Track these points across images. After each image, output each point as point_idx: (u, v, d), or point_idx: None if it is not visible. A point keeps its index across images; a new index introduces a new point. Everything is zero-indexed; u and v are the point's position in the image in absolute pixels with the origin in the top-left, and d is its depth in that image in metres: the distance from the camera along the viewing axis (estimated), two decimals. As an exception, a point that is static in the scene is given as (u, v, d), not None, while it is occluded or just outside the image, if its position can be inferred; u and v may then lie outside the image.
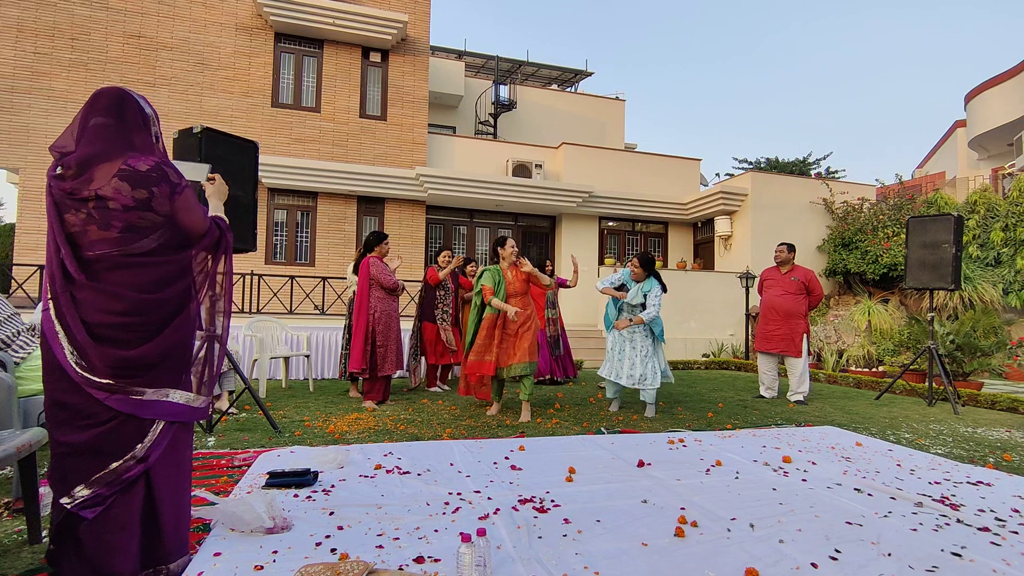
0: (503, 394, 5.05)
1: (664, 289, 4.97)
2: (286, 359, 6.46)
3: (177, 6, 9.83)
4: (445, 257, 6.35)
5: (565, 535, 2.16)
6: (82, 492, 1.53)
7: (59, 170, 1.59)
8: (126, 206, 1.57)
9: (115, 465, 1.55)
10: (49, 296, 1.59)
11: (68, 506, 1.53)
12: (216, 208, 2.02)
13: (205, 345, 1.81)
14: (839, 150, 75.32)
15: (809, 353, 5.87)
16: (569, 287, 6.61)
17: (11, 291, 7.95)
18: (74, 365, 1.54)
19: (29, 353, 2.88)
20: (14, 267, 8.25)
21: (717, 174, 22.28)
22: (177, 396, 1.67)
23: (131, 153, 1.63)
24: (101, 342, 1.55)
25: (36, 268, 7.81)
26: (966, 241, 10.13)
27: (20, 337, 2.90)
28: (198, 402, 1.73)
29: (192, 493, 2.21)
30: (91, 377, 1.53)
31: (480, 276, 4.80)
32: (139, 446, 1.58)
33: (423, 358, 6.23)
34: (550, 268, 7.25)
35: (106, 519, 1.55)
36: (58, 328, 1.56)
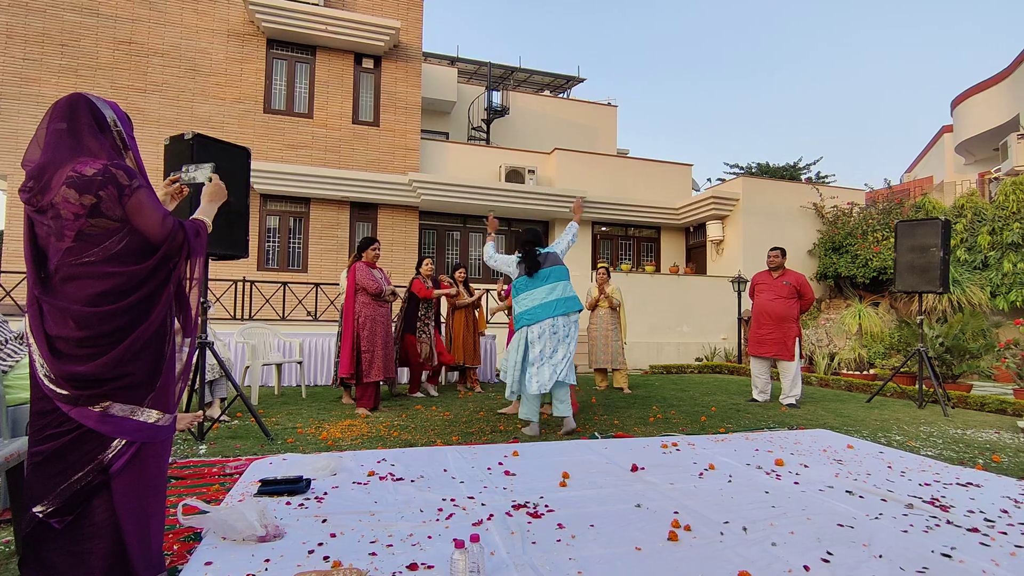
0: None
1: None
2: (278, 366, 6.42)
3: (168, 12, 9.81)
4: (428, 265, 6.30)
5: (559, 540, 2.16)
6: (49, 502, 1.51)
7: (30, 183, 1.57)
8: (76, 214, 1.51)
9: (77, 476, 1.52)
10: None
11: (40, 515, 1.51)
12: (206, 210, 1.89)
13: (169, 360, 1.70)
14: (829, 155, 76.15)
15: (801, 356, 5.91)
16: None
17: (-1, 299, 7.87)
18: (43, 377, 1.52)
19: (17, 361, 2.85)
20: (2, 274, 8.15)
21: (709, 179, 22.39)
22: (138, 414, 1.59)
23: (81, 158, 1.55)
24: (57, 355, 1.52)
25: (24, 275, 7.72)
26: (954, 245, 10.24)
27: (8, 345, 2.87)
28: (161, 420, 1.64)
29: (183, 502, 2.20)
30: (55, 388, 1.52)
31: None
32: (99, 459, 1.54)
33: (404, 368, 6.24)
34: None
35: (71, 531, 1.53)
36: (31, 339, 1.55)
